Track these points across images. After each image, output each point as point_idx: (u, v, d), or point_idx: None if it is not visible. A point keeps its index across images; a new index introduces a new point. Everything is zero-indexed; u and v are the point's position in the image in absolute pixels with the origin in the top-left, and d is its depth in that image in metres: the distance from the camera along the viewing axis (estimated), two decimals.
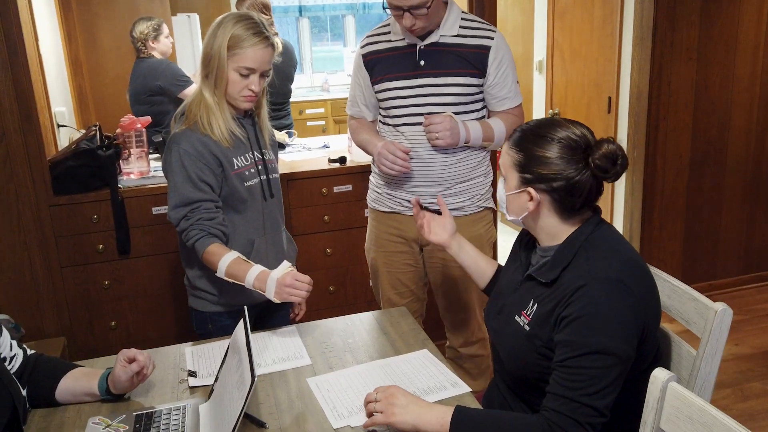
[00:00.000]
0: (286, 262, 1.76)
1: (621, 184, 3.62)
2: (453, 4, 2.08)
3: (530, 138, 1.36)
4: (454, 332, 2.36)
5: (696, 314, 1.43)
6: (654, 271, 1.57)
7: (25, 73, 2.43)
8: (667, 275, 1.55)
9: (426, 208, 1.81)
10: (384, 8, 1.98)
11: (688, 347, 1.45)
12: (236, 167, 1.83)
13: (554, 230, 1.38)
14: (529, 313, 1.38)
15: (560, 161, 1.32)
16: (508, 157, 1.40)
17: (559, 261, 1.34)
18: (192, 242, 1.77)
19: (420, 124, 2.07)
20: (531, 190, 1.35)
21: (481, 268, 1.73)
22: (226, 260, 1.73)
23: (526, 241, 1.51)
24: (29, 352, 1.52)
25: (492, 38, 2.06)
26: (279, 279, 1.69)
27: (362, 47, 2.17)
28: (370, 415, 1.35)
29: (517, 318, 1.41)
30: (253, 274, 1.71)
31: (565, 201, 1.34)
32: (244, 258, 1.77)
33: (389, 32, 2.12)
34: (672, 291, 1.51)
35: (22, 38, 2.41)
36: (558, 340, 1.28)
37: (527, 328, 1.37)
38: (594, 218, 1.39)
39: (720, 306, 1.36)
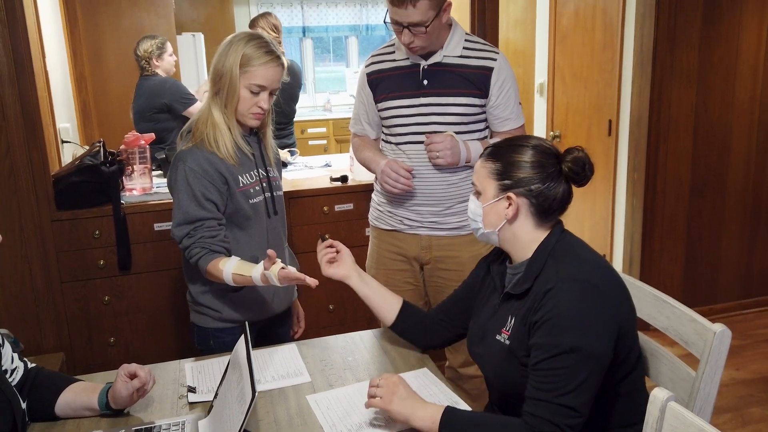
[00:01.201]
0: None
1: (621, 206, 3.64)
2: (457, 25, 2.11)
3: (505, 148, 1.44)
4: (453, 352, 2.35)
5: (695, 335, 1.43)
6: (653, 291, 1.58)
7: (32, 89, 2.45)
8: (666, 296, 1.56)
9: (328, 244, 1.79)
10: (385, 22, 2.01)
11: (687, 369, 1.45)
12: (241, 185, 1.85)
13: (528, 237, 1.42)
14: (508, 328, 1.42)
15: (536, 165, 1.39)
16: (483, 170, 1.45)
17: (531, 273, 1.39)
18: (195, 260, 1.78)
19: (422, 142, 2.09)
20: (511, 194, 1.40)
21: (387, 300, 1.75)
22: (229, 267, 1.75)
23: (497, 269, 1.54)
24: (30, 365, 1.52)
25: (495, 59, 2.08)
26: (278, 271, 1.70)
27: (367, 66, 2.20)
28: (371, 397, 1.41)
29: (498, 337, 1.44)
30: (258, 270, 1.72)
31: (542, 204, 1.40)
32: (245, 262, 1.79)
33: (394, 52, 2.15)
34: (671, 312, 1.52)
35: (30, 54, 2.44)
36: (531, 344, 1.32)
37: (508, 342, 1.40)
38: (558, 227, 1.44)
39: (719, 327, 1.36)
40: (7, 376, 1.42)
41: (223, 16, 6.05)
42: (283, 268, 1.68)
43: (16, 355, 1.49)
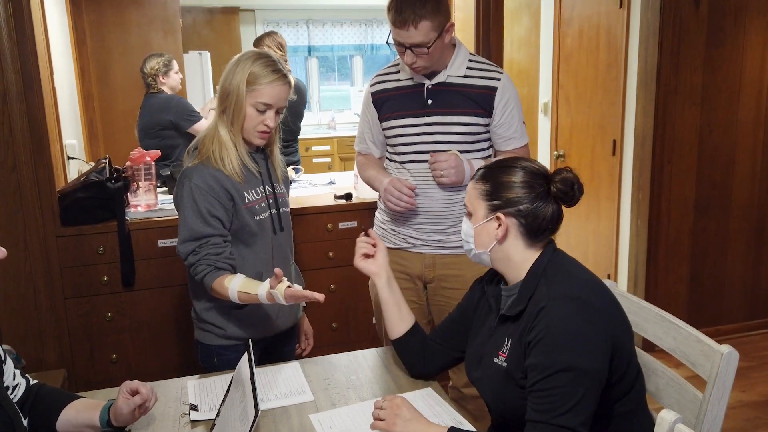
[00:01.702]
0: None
1: (626, 226, 3.63)
2: (461, 45, 2.13)
3: (495, 170, 1.46)
4: (457, 372, 2.33)
5: (702, 356, 1.42)
6: (659, 312, 1.57)
7: (39, 106, 2.47)
8: (672, 317, 1.55)
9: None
10: (388, 43, 2.03)
11: (694, 390, 1.44)
12: (247, 201, 1.85)
13: (519, 257, 1.43)
14: (504, 350, 1.41)
15: (524, 185, 1.41)
16: (474, 191, 1.47)
17: (524, 294, 1.39)
18: (200, 277, 1.79)
19: (426, 161, 2.09)
20: (500, 215, 1.42)
21: (402, 312, 1.73)
22: (235, 284, 1.75)
23: (492, 291, 1.54)
24: (32, 381, 1.52)
25: (499, 79, 2.10)
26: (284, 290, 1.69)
27: (371, 85, 2.22)
28: (376, 419, 1.42)
29: (495, 360, 1.44)
30: (264, 288, 1.72)
31: (531, 224, 1.41)
32: (251, 279, 1.79)
33: (398, 72, 2.16)
34: (677, 333, 1.51)
35: (38, 72, 2.46)
36: (527, 365, 1.32)
37: (505, 365, 1.40)
38: (550, 247, 1.45)
39: (726, 348, 1.35)
40: (9, 392, 1.41)
41: (229, 35, 6.12)
42: (289, 286, 1.67)
43: (17, 372, 1.49)
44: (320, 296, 1.67)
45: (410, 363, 1.73)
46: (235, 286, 1.74)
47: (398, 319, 1.72)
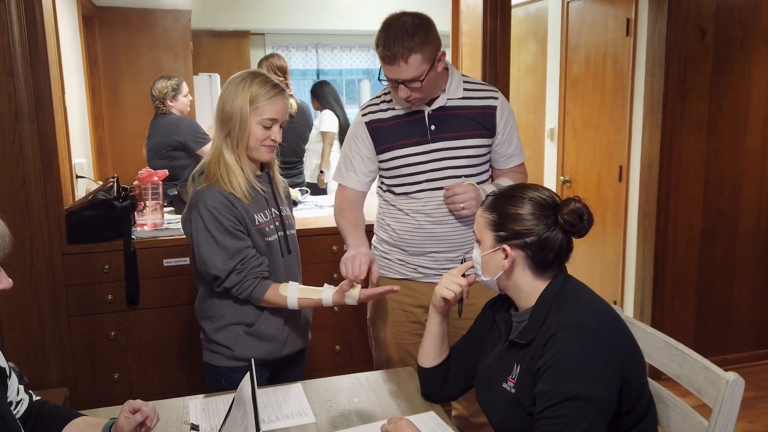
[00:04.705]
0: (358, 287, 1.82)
1: (632, 252, 3.62)
2: (453, 68, 2.10)
3: (503, 199, 1.44)
4: (463, 401, 2.27)
5: (707, 384, 1.41)
6: (664, 338, 1.56)
7: (50, 125, 2.49)
8: (677, 343, 1.53)
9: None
10: (380, 80, 1.99)
11: (699, 418, 1.42)
12: (257, 223, 1.86)
13: (528, 287, 1.42)
14: (513, 376, 1.40)
15: (532, 217, 1.39)
16: (482, 220, 1.46)
17: (536, 321, 1.38)
18: (248, 293, 1.81)
19: (437, 189, 2.04)
20: (506, 247, 1.41)
21: (443, 346, 1.70)
22: (293, 292, 1.83)
23: (502, 316, 1.53)
24: (35, 398, 1.51)
25: (496, 98, 2.09)
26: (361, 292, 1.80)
27: (364, 115, 2.13)
28: None
29: (504, 385, 1.43)
30: (328, 293, 1.82)
31: (538, 256, 1.40)
32: (305, 286, 1.87)
33: (391, 100, 2.10)
34: (683, 359, 1.50)
35: (50, 91, 2.49)
36: (536, 392, 1.31)
37: (514, 391, 1.39)
38: (561, 274, 1.44)
39: (731, 375, 1.34)
40: (12, 407, 1.41)
41: (239, 58, 6.20)
42: (363, 287, 1.79)
43: (21, 388, 1.49)
44: (397, 288, 1.79)
45: (430, 388, 1.72)
46: (294, 293, 1.82)
47: (437, 352, 1.69)
